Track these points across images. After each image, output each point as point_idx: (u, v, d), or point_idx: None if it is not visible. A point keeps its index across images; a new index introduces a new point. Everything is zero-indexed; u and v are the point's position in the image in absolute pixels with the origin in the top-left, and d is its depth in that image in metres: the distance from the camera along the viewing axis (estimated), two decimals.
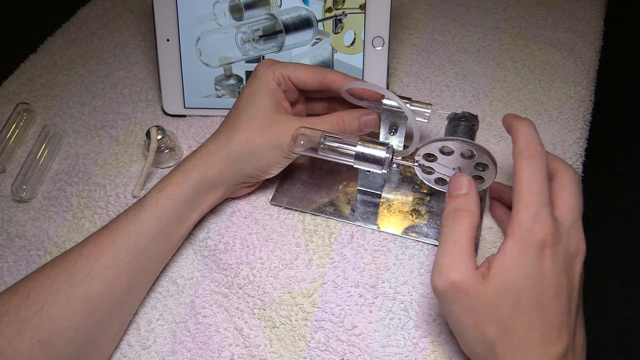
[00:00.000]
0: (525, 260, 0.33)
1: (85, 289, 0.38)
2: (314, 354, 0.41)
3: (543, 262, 0.33)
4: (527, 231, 0.33)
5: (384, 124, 0.47)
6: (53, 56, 0.65)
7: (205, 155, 0.44)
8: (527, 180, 0.34)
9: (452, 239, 0.35)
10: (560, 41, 0.63)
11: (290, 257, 0.45)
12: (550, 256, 0.33)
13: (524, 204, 0.34)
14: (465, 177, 0.38)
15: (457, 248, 0.34)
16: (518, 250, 0.33)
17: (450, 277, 0.34)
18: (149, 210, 0.41)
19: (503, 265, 0.33)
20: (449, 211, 0.37)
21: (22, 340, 0.35)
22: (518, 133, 0.36)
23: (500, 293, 0.33)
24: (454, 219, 0.36)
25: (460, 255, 0.34)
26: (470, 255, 0.34)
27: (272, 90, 0.45)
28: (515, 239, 0.33)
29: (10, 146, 0.55)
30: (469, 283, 0.33)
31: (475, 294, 0.33)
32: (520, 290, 0.33)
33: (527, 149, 0.35)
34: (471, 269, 0.34)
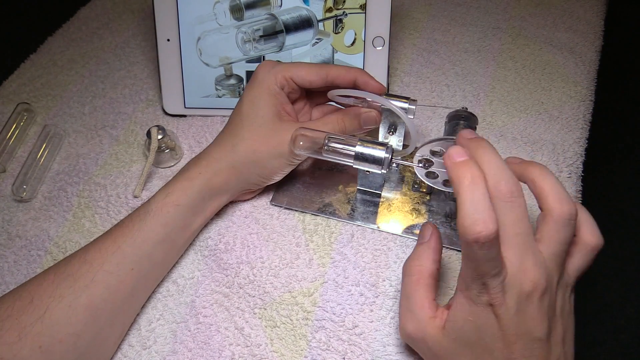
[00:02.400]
0: (476, 317, 0.33)
1: (88, 294, 0.38)
2: (315, 353, 0.41)
3: (493, 319, 0.32)
4: (475, 295, 0.32)
5: (383, 123, 0.47)
6: (53, 56, 0.65)
7: (210, 163, 0.44)
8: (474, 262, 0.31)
9: (405, 293, 0.37)
10: (561, 41, 0.63)
11: (290, 256, 0.45)
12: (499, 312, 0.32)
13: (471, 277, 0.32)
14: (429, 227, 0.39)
15: (409, 302, 0.36)
16: (468, 308, 0.33)
17: (406, 330, 0.36)
18: (154, 216, 0.41)
19: (456, 321, 0.34)
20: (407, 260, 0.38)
21: (23, 346, 0.35)
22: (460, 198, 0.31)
23: (457, 344, 0.34)
24: (406, 271, 0.38)
25: (413, 309, 0.36)
26: (422, 307, 0.36)
27: (275, 95, 0.44)
28: (466, 298, 0.33)
29: (10, 146, 0.55)
30: (425, 333, 0.35)
31: (434, 343, 0.35)
32: (476, 342, 0.33)
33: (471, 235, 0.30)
34: (425, 320, 0.35)
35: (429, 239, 0.38)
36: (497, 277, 0.31)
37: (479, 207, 0.30)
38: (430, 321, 0.35)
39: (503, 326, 0.32)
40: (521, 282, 0.32)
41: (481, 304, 0.32)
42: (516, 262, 0.32)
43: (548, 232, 0.33)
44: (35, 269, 0.47)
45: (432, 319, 0.35)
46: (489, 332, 0.33)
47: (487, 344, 0.33)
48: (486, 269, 0.31)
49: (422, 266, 0.37)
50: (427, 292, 0.36)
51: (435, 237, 0.38)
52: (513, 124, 0.55)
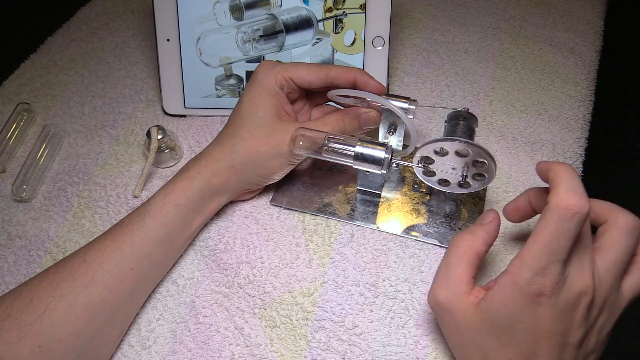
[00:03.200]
0: (514, 305, 0.32)
1: (88, 294, 0.38)
2: (315, 353, 0.41)
3: (534, 310, 0.32)
4: (525, 281, 0.32)
5: (382, 123, 0.47)
6: (53, 56, 0.65)
7: (210, 163, 0.44)
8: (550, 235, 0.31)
9: (447, 262, 0.37)
10: (561, 41, 0.63)
11: (290, 256, 0.45)
12: (543, 305, 0.32)
13: (533, 255, 0.31)
14: (493, 212, 0.39)
15: (449, 271, 0.36)
16: (511, 294, 0.32)
17: (437, 297, 0.36)
18: (154, 216, 0.41)
19: (493, 302, 0.33)
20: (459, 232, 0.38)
21: (22, 346, 0.35)
22: (559, 178, 0.32)
23: (485, 325, 0.34)
24: (455, 242, 0.37)
25: (450, 279, 0.36)
26: (461, 279, 0.35)
27: (274, 95, 0.44)
28: (512, 283, 0.32)
29: (10, 146, 0.55)
30: (455, 306, 0.35)
31: (460, 318, 0.35)
32: (506, 329, 0.33)
33: (566, 202, 0.31)
34: (458, 293, 0.35)
35: (489, 223, 0.38)
36: (560, 265, 0.31)
37: (577, 184, 0.32)
38: (465, 296, 0.35)
39: (541, 320, 0.32)
40: (574, 284, 0.32)
41: (527, 292, 0.32)
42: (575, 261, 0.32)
43: (610, 239, 0.33)
44: (35, 269, 0.47)
45: (467, 294, 0.35)
46: (523, 323, 0.32)
47: (516, 334, 0.33)
48: (559, 247, 0.31)
49: (473, 242, 0.37)
50: (468, 268, 0.36)
51: (495, 223, 0.38)
52: (513, 124, 0.55)
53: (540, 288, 0.31)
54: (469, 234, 0.38)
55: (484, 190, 0.49)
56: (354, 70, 0.45)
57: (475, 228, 0.38)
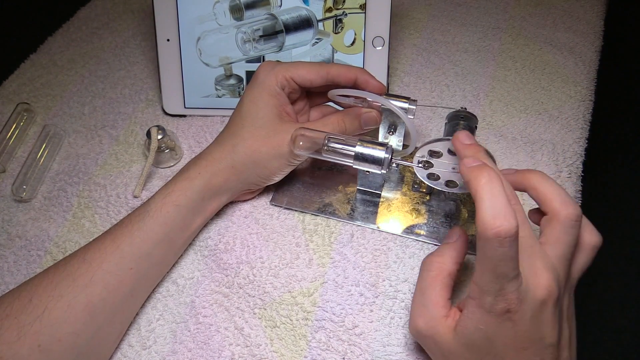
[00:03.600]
0: (487, 327, 0.32)
1: (87, 294, 0.38)
2: (315, 353, 0.41)
3: (507, 325, 0.32)
4: (489, 304, 0.31)
5: (383, 123, 0.47)
6: (53, 56, 0.65)
7: (210, 163, 0.44)
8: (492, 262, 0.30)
9: (421, 288, 0.37)
10: (561, 41, 0.63)
11: (290, 256, 0.45)
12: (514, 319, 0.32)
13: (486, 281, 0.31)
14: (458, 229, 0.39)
15: (424, 298, 0.36)
16: (480, 318, 0.32)
17: (417, 325, 0.36)
18: (154, 216, 0.41)
19: (466, 327, 0.33)
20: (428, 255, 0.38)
21: (22, 345, 0.35)
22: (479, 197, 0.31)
23: (466, 349, 0.34)
24: (426, 266, 0.37)
25: (426, 305, 0.36)
26: (437, 304, 0.35)
27: (275, 95, 0.44)
28: (478, 307, 0.32)
29: (10, 146, 0.55)
30: (434, 332, 0.35)
31: (443, 343, 0.35)
32: (486, 349, 0.33)
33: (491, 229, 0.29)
34: (437, 318, 0.35)
35: (456, 241, 0.38)
36: (515, 281, 0.31)
37: (498, 202, 0.30)
38: (442, 320, 0.35)
39: (517, 332, 0.32)
40: (535, 288, 0.31)
41: (495, 312, 0.31)
42: (527, 266, 0.31)
43: (555, 235, 0.33)
44: (35, 269, 0.47)
45: (445, 318, 0.35)
46: (500, 340, 0.32)
47: (497, 352, 0.33)
48: (506, 270, 0.30)
49: (443, 263, 0.37)
50: (443, 290, 0.36)
51: (462, 240, 0.38)
52: (513, 124, 0.55)
53: (505, 306, 0.31)
54: (438, 256, 0.38)
55: None
56: (355, 69, 0.45)
57: (443, 248, 0.38)
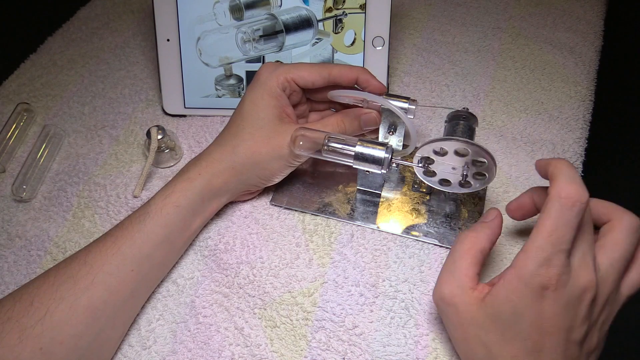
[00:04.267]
0: (519, 299, 0.32)
1: (88, 296, 0.38)
2: (315, 353, 0.41)
3: (539, 304, 0.32)
4: (530, 273, 0.32)
5: (383, 123, 0.47)
6: (53, 56, 0.65)
7: (210, 164, 0.44)
8: (552, 225, 0.31)
9: (452, 258, 0.37)
10: (561, 41, 0.63)
11: (290, 256, 0.45)
12: (548, 298, 0.32)
13: (537, 246, 0.32)
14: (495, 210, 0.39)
15: (454, 267, 0.37)
16: (515, 288, 0.33)
17: (442, 292, 0.36)
18: (154, 217, 0.41)
19: (497, 296, 0.33)
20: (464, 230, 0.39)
21: (23, 348, 0.35)
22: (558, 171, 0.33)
23: (490, 320, 0.34)
24: (460, 239, 0.38)
25: (455, 273, 0.36)
26: (466, 275, 0.36)
27: (276, 97, 0.44)
28: (517, 276, 0.33)
29: (10, 146, 0.55)
30: (459, 300, 0.35)
31: (465, 313, 0.35)
32: (510, 324, 0.33)
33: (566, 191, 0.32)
34: (463, 288, 0.35)
35: (492, 221, 0.38)
36: (564, 256, 0.31)
37: (577, 176, 0.32)
38: (469, 291, 0.35)
39: (546, 314, 0.32)
40: (578, 279, 0.32)
41: (532, 285, 0.32)
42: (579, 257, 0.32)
43: (614, 238, 0.34)
44: (35, 269, 0.47)
45: (472, 289, 0.35)
46: (527, 317, 0.32)
47: (521, 330, 0.33)
48: (562, 237, 0.31)
49: (477, 238, 0.37)
50: (473, 264, 0.36)
51: (497, 221, 0.39)
52: (513, 124, 0.55)
53: (544, 280, 0.31)
54: (472, 231, 0.38)
55: (483, 190, 0.49)
56: (356, 68, 0.45)
57: (478, 226, 0.38)
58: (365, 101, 0.45)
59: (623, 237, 0.34)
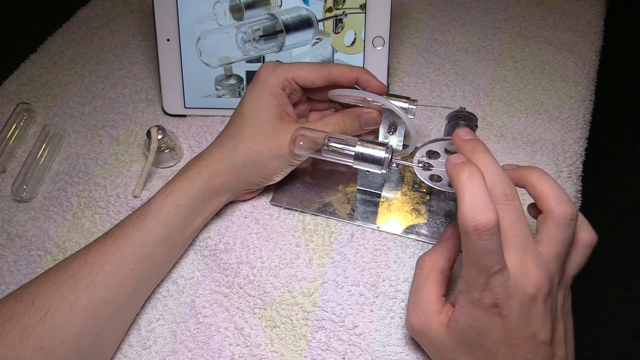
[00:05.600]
0: (477, 321, 0.33)
1: (89, 295, 0.38)
2: (315, 353, 0.41)
3: (497, 321, 0.32)
4: (477, 298, 0.32)
5: (383, 123, 0.47)
6: (53, 56, 0.65)
7: (210, 163, 0.44)
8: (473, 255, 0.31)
9: (414, 287, 0.38)
10: (561, 41, 0.63)
11: (290, 256, 0.45)
12: (503, 313, 0.32)
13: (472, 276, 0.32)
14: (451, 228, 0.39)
15: (417, 295, 0.37)
16: (470, 312, 0.33)
17: (412, 323, 0.37)
18: (154, 217, 0.41)
19: (458, 322, 0.34)
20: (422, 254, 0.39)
21: (25, 348, 0.35)
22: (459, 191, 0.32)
23: (458, 344, 0.34)
24: (419, 264, 0.38)
25: (419, 302, 0.37)
26: (429, 300, 0.36)
27: (276, 96, 0.44)
28: (467, 301, 0.33)
29: (10, 146, 0.55)
30: (428, 327, 0.36)
31: (436, 339, 0.35)
32: (477, 344, 0.33)
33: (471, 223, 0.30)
34: (430, 315, 0.36)
35: (448, 239, 0.39)
36: (500, 275, 0.31)
37: (477, 196, 0.31)
38: (435, 316, 0.35)
39: (506, 328, 0.32)
40: (524, 284, 0.32)
41: (483, 307, 0.32)
42: (517, 263, 0.32)
43: (550, 233, 0.33)
44: (35, 269, 0.47)
45: (438, 314, 0.35)
46: (491, 335, 0.33)
47: (489, 347, 0.33)
48: (488, 263, 0.31)
49: (435, 261, 0.38)
50: (435, 287, 0.37)
51: (454, 238, 0.39)
52: (513, 124, 0.55)
53: (492, 301, 0.32)
54: (430, 254, 0.38)
55: None
56: (356, 68, 0.45)
57: (436, 247, 0.39)
58: (366, 101, 0.45)
59: (558, 231, 0.33)
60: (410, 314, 0.37)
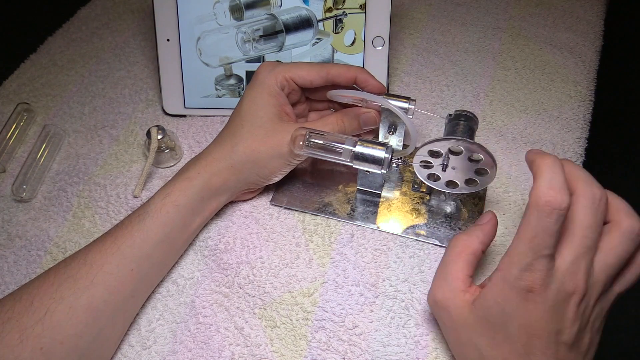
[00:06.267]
0: (506, 302, 0.33)
1: (88, 296, 0.38)
2: (315, 353, 0.41)
3: (526, 307, 0.32)
4: (514, 277, 0.32)
5: (382, 123, 0.47)
6: (53, 56, 0.65)
7: (209, 163, 0.44)
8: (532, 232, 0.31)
9: (444, 261, 0.38)
10: (561, 41, 0.63)
11: (290, 256, 0.45)
12: (534, 301, 0.32)
13: (519, 252, 0.32)
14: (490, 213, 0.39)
15: (446, 270, 0.37)
16: (502, 290, 0.33)
17: (435, 295, 0.37)
18: (153, 217, 0.41)
19: (485, 300, 0.34)
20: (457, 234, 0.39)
21: (24, 348, 0.35)
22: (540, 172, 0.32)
23: (480, 324, 0.34)
24: (452, 242, 0.38)
25: (447, 277, 0.37)
26: (457, 278, 0.36)
27: (275, 96, 0.44)
28: (503, 279, 0.33)
29: (10, 146, 0.55)
30: (451, 304, 0.36)
31: (457, 316, 0.35)
32: (499, 326, 0.33)
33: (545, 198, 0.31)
34: (455, 291, 0.36)
35: (485, 224, 0.39)
36: (546, 260, 0.31)
37: (557, 177, 0.31)
38: (461, 294, 0.36)
39: (534, 317, 0.32)
40: (565, 280, 0.32)
41: (517, 288, 0.32)
42: (569, 260, 0.32)
43: (611, 242, 0.33)
44: (35, 269, 0.47)
45: (463, 292, 0.36)
46: (515, 320, 0.32)
47: (510, 332, 0.33)
48: (542, 243, 0.31)
49: (469, 241, 0.38)
50: (465, 266, 0.37)
51: (491, 224, 0.39)
52: (513, 124, 0.55)
53: (529, 284, 0.32)
54: (465, 234, 0.38)
55: (484, 190, 0.49)
56: (355, 68, 0.45)
57: (472, 229, 0.39)
58: (365, 101, 0.45)
59: (619, 243, 0.33)
60: (434, 287, 0.37)
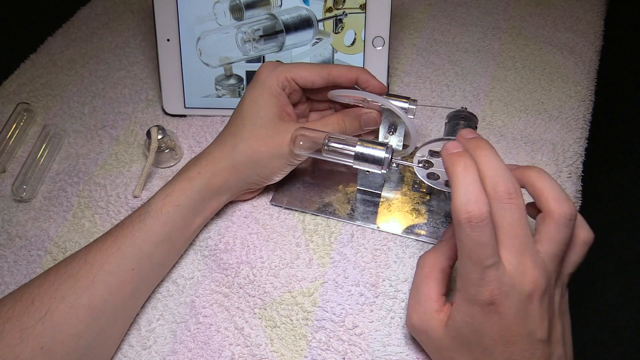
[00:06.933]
0: (473, 319, 0.33)
1: (89, 295, 0.38)
2: (315, 353, 0.41)
3: (492, 318, 0.32)
4: (472, 294, 0.32)
5: (383, 123, 0.47)
6: (53, 56, 0.65)
7: (210, 163, 0.44)
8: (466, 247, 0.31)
9: (415, 285, 0.38)
10: (561, 41, 0.63)
11: (290, 256, 0.45)
12: (499, 311, 0.32)
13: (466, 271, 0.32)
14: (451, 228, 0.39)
15: (418, 293, 0.37)
16: (466, 310, 0.33)
17: (412, 320, 0.37)
18: (154, 216, 0.41)
19: (455, 321, 0.34)
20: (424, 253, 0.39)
21: (24, 348, 0.35)
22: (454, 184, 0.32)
23: (456, 343, 0.34)
24: (420, 263, 0.39)
25: (420, 301, 0.37)
26: (429, 298, 0.36)
27: (276, 96, 0.44)
28: (463, 299, 0.33)
29: (10, 146, 0.55)
30: (427, 326, 0.36)
31: (435, 337, 0.36)
32: (474, 344, 0.33)
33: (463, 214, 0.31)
34: (429, 313, 0.36)
35: (449, 238, 0.39)
36: (494, 269, 0.31)
37: (470, 189, 0.31)
38: (435, 314, 0.36)
39: (503, 326, 0.32)
40: (521, 282, 0.32)
41: (479, 304, 0.32)
42: (515, 261, 0.32)
43: (548, 233, 0.33)
44: (35, 269, 0.47)
45: (438, 312, 0.36)
46: (487, 334, 0.33)
47: (486, 346, 0.33)
48: (481, 255, 0.31)
49: (436, 260, 0.38)
50: (436, 286, 0.37)
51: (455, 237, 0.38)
52: (513, 124, 0.55)
53: (487, 297, 0.32)
54: (431, 252, 0.39)
55: None
56: (356, 69, 0.45)
57: (437, 246, 0.39)
58: (366, 101, 0.45)
59: (556, 231, 0.33)
60: (410, 312, 0.37)
